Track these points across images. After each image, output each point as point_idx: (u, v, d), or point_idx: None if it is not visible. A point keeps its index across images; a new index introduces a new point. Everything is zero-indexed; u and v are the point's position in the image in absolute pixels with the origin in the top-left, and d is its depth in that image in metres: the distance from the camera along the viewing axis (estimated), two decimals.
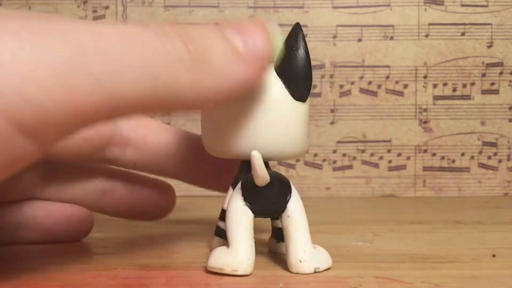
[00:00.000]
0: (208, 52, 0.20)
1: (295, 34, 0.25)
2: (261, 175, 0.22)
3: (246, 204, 0.23)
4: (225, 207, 0.26)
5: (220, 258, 0.23)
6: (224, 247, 0.23)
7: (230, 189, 0.25)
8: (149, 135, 0.28)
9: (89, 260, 0.26)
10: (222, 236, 0.25)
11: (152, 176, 0.30)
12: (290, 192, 0.24)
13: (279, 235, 0.26)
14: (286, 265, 0.24)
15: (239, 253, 0.22)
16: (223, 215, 0.25)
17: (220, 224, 0.26)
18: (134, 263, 0.24)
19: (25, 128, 0.17)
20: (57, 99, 0.17)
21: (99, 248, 0.28)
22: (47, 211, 0.28)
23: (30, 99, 0.16)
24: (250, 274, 0.22)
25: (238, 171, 0.26)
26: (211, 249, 0.26)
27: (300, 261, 0.23)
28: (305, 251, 0.23)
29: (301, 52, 0.25)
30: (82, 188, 0.28)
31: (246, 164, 0.25)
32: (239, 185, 0.23)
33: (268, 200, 0.23)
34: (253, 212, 0.23)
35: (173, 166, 0.29)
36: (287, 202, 0.23)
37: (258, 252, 0.26)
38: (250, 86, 0.21)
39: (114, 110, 0.18)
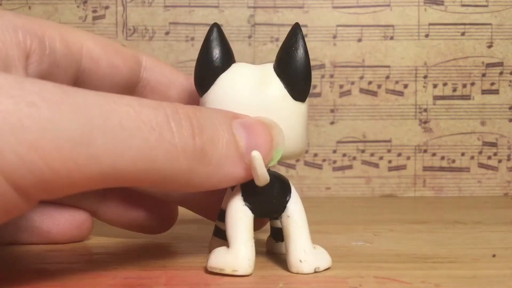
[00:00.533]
0: (212, 145, 0.21)
1: (295, 34, 0.25)
2: (262, 175, 0.22)
3: (246, 204, 0.23)
4: (224, 207, 0.26)
5: (220, 259, 0.23)
6: (224, 248, 0.23)
7: (229, 190, 0.25)
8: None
9: (89, 260, 0.26)
10: (221, 236, 0.25)
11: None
12: (290, 192, 0.24)
13: (278, 235, 0.26)
14: (286, 265, 0.24)
15: (239, 253, 0.22)
16: (222, 216, 0.25)
17: (219, 224, 0.26)
18: (134, 263, 0.24)
19: (19, 188, 0.17)
20: (55, 169, 0.17)
21: (99, 248, 0.28)
22: (46, 214, 0.28)
23: (31, 166, 0.17)
24: (250, 274, 0.22)
25: None
26: (210, 249, 0.26)
27: (300, 261, 0.23)
28: (305, 251, 0.23)
29: (300, 52, 0.25)
30: (80, 194, 0.28)
31: None
32: (238, 186, 0.23)
33: (268, 200, 0.23)
34: (253, 212, 0.23)
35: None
36: (286, 202, 0.23)
37: (258, 252, 0.26)
38: (243, 181, 0.22)
39: (107, 183, 0.19)
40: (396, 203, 0.46)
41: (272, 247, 0.26)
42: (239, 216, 0.23)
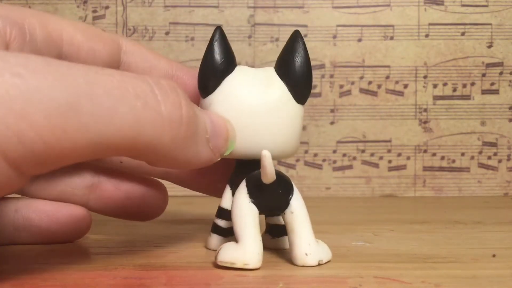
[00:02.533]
0: (196, 119, 0.21)
1: (296, 40, 0.26)
2: (270, 173, 0.23)
3: (251, 201, 0.24)
4: (222, 204, 0.26)
5: (231, 253, 0.23)
6: (232, 243, 0.24)
7: (227, 188, 0.26)
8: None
9: (89, 260, 0.26)
10: (219, 233, 0.26)
11: (144, 176, 0.30)
12: (292, 189, 0.24)
13: (274, 231, 0.27)
14: (286, 265, 0.24)
15: (249, 247, 0.23)
16: (220, 213, 0.26)
17: (218, 221, 0.27)
18: (134, 263, 0.24)
19: (11, 160, 0.17)
20: (46, 139, 0.17)
21: (98, 248, 0.28)
22: (43, 212, 0.28)
23: (21, 136, 0.17)
24: (259, 268, 0.23)
25: (233, 170, 0.26)
26: (207, 246, 0.27)
27: (306, 254, 0.24)
28: (309, 245, 0.24)
29: (303, 57, 0.26)
30: (68, 183, 0.28)
31: (241, 163, 0.26)
32: (243, 183, 0.24)
33: (272, 197, 0.24)
34: (258, 209, 0.24)
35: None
36: (289, 199, 0.24)
37: None
38: (198, 167, 0.23)
39: (95, 153, 0.19)
40: (396, 203, 0.46)
41: (268, 243, 0.27)
42: (246, 212, 0.24)
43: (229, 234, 0.26)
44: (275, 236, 0.27)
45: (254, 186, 0.24)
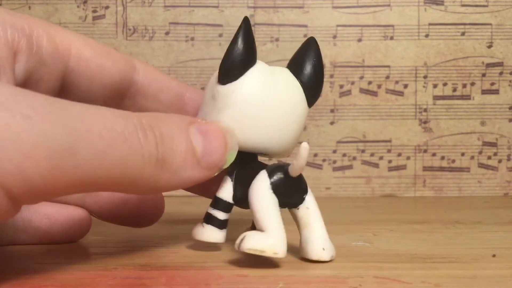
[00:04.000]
0: (172, 153, 0.22)
1: (312, 45, 0.27)
2: (303, 167, 0.24)
3: (273, 192, 0.24)
4: (221, 195, 0.26)
5: (260, 241, 0.23)
6: (256, 232, 0.24)
7: (227, 179, 0.26)
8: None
9: (89, 260, 0.26)
10: (216, 224, 0.26)
11: None
12: (307, 186, 0.25)
13: None
14: (286, 265, 0.24)
15: (278, 236, 0.23)
16: (217, 204, 0.26)
17: (215, 212, 0.26)
18: (134, 263, 0.24)
19: (11, 194, 0.19)
20: (45, 177, 0.19)
21: (98, 248, 0.28)
22: (43, 214, 0.28)
23: (25, 174, 0.18)
24: (284, 257, 0.23)
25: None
26: (196, 237, 0.26)
27: (323, 249, 0.24)
28: (325, 240, 0.25)
29: (320, 64, 0.26)
30: None
31: (244, 155, 0.26)
32: (264, 174, 0.24)
33: (291, 192, 0.25)
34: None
35: None
36: (305, 195, 0.25)
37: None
38: (199, 182, 0.23)
39: (86, 188, 0.21)
40: (396, 203, 0.46)
41: None
42: (271, 202, 0.24)
43: (224, 226, 0.26)
44: None
45: (278, 180, 0.24)
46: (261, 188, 0.24)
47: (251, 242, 0.23)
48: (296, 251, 0.27)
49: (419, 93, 0.50)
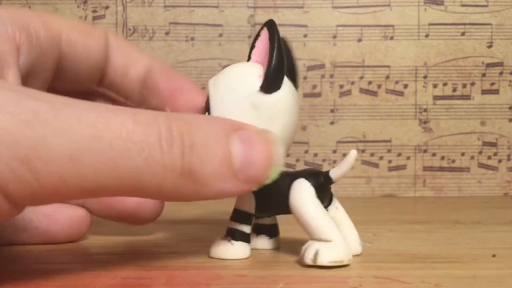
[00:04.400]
0: (202, 164, 0.20)
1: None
2: (348, 172, 0.25)
3: (318, 199, 0.24)
4: (244, 208, 0.25)
5: (337, 252, 0.23)
6: (325, 243, 0.23)
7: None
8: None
9: (89, 260, 0.26)
10: (245, 239, 0.25)
11: None
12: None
13: (272, 231, 0.27)
14: (286, 265, 0.24)
15: (345, 244, 0.24)
16: (241, 218, 0.25)
17: (241, 227, 0.25)
18: (134, 263, 0.24)
19: (10, 196, 0.18)
20: (43, 183, 0.18)
21: (98, 248, 0.28)
22: (43, 214, 0.28)
23: (21, 179, 0.18)
24: None
25: None
26: (226, 256, 0.25)
27: (360, 244, 0.26)
28: (357, 235, 0.26)
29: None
30: None
31: None
32: (306, 183, 0.24)
33: (327, 195, 0.25)
34: None
35: None
36: (332, 196, 0.26)
37: (256, 252, 0.26)
38: (233, 196, 0.22)
39: (90, 195, 0.20)
40: (396, 203, 0.46)
41: (265, 243, 0.27)
42: (323, 209, 0.24)
43: (249, 239, 0.25)
44: (272, 236, 0.27)
45: (320, 184, 0.24)
46: (310, 196, 0.24)
47: (330, 255, 0.23)
48: (296, 251, 0.27)
49: (419, 93, 0.50)
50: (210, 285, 0.21)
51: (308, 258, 0.23)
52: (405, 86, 0.50)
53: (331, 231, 0.23)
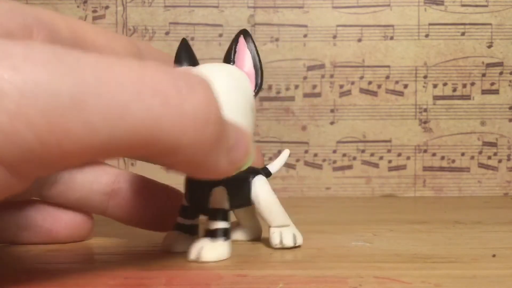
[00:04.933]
0: (223, 130, 0.19)
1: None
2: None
3: None
4: (219, 206, 0.25)
5: (298, 234, 0.27)
6: (290, 228, 0.27)
7: (219, 189, 0.26)
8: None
9: (89, 260, 0.26)
10: (226, 236, 0.25)
11: (162, 183, 0.29)
12: None
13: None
14: (286, 265, 0.24)
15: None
16: (219, 215, 0.25)
17: (221, 224, 0.25)
18: (134, 263, 0.24)
19: (7, 163, 0.16)
20: (45, 141, 0.16)
21: (99, 248, 0.28)
22: (47, 213, 0.28)
23: (15, 138, 0.15)
24: None
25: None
26: (210, 257, 0.25)
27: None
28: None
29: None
30: (88, 189, 0.28)
31: None
32: (264, 178, 0.27)
33: None
34: None
35: None
36: None
37: (256, 252, 0.26)
38: (211, 176, 0.22)
39: (104, 154, 0.17)
40: (396, 203, 0.46)
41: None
42: None
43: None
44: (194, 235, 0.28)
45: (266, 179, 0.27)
46: (269, 189, 0.27)
47: (299, 237, 0.27)
48: (295, 251, 0.27)
49: (419, 93, 0.50)
50: (210, 285, 0.21)
51: (276, 243, 0.26)
52: (405, 86, 0.50)
53: (287, 218, 0.27)
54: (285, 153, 0.30)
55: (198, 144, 0.18)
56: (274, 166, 0.29)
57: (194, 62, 0.27)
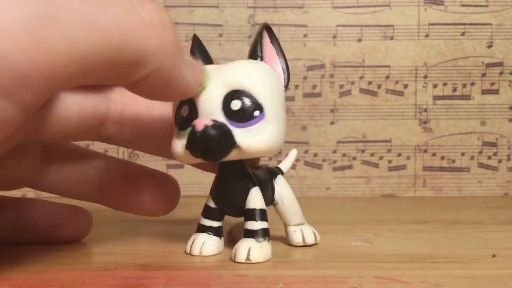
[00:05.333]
0: (175, 29, 0.21)
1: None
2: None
3: None
4: (259, 206, 0.25)
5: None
6: (302, 226, 0.28)
7: (255, 189, 0.26)
8: (143, 110, 0.27)
9: (89, 260, 0.26)
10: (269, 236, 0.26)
11: (156, 170, 0.29)
12: None
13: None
14: (286, 265, 0.24)
15: None
16: (264, 215, 0.26)
17: (266, 224, 0.26)
18: (134, 263, 0.24)
19: (0, 88, 0.17)
20: (31, 56, 0.17)
21: (99, 248, 0.28)
22: (45, 212, 0.28)
23: (4, 56, 0.16)
24: None
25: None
26: (263, 258, 0.25)
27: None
28: None
29: None
30: (80, 177, 0.27)
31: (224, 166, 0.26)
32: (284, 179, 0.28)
33: None
34: None
35: (167, 144, 0.27)
36: None
37: None
38: (185, 95, 0.23)
39: (87, 69, 0.19)
40: (396, 203, 0.46)
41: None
42: None
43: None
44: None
45: None
46: (290, 188, 0.28)
47: (317, 235, 0.28)
48: (295, 251, 0.27)
49: (419, 93, 0.50)
50: (210, 285, 0.21)
51: (299, 241, 0.27)
52: (405, 86, 0.50)
53: (303, 216, 0.28)
54: (293, 153, 0.31)
55: (163, 50, 0.20)
56: (285, 166, 0.30)
57: (207, 58, 0.26)
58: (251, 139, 0.23)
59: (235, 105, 0.24)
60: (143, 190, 0.28)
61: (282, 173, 0.28)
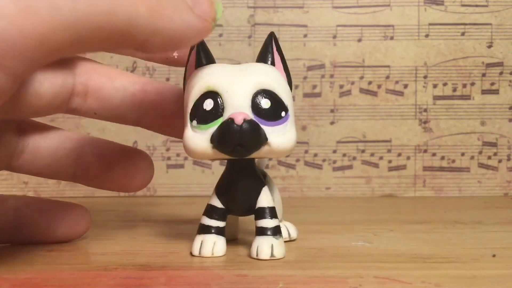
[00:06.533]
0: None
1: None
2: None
3: None
4: (272, 204, 0.26)
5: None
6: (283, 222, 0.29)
7: (266, 188, 0.26)
8: (105, 82, 0.27)
9: (89, 260, 0.26)
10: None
11: (127, 145, 0.29)
12: None
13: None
14: (286, 265, 0.24)
15: None
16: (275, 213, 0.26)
17: (278, 221, 0.26)
18: (134, 263, 0.24)
19: None
20: (19, 25, 0.17)
21: (98, 248, 0.28)
22: (43, 211, 0.28)
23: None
24: None
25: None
26: (282, 255, 0.25)
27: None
28: None
29: None
30: (55, 154, 0.28)
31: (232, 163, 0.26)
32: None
33: None
34: None
35: (131, 113, 0.27)
36: None
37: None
38: (197, 38, 0.22)
39: (77, 37, 0.19)
40: (396, 203, 0.46)
41: None
42: None
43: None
44: None
45: None
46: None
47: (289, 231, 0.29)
48: (295, 251, 0.27)
49: (419, 93, 0.50)
50: (210, 285, 0.21)
51: (295, 233, 0.29)
52: (405, 86, 0.50)
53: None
54: None
55: (154, 14, 0.20)
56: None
57: (210, 57, 0.26)
58: (280, 138, 0.24)
59: (266, 103, 0.24)
60: (117, 166, 0.28)
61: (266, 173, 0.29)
